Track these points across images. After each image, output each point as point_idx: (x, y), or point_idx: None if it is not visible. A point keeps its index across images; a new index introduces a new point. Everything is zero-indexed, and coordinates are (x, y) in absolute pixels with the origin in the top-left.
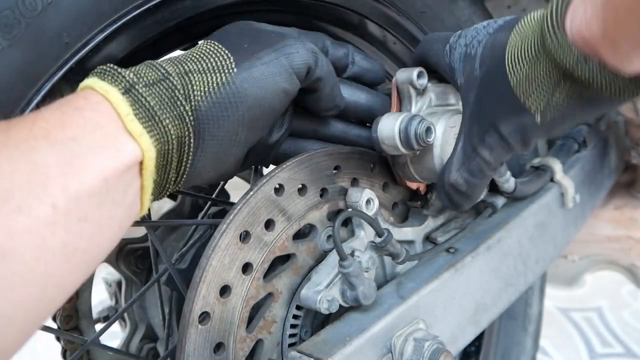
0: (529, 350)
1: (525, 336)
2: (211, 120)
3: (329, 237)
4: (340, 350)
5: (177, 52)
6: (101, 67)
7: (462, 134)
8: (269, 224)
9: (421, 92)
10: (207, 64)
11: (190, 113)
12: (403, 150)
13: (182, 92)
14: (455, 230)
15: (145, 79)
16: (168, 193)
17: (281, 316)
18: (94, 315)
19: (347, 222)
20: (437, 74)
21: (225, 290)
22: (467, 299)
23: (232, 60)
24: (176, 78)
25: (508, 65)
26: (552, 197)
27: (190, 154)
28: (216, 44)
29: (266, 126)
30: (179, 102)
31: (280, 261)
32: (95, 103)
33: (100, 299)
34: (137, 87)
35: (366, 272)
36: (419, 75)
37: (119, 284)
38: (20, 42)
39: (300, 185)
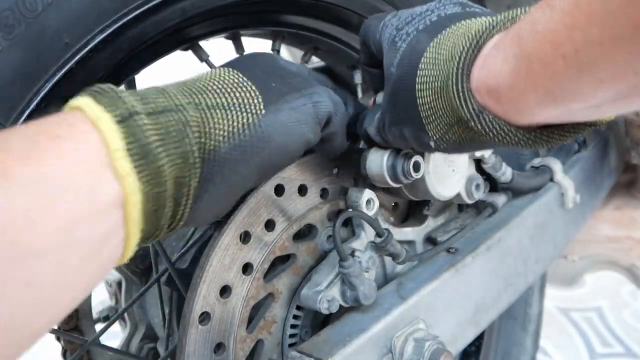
0: (529, 350)
1: (525, 336)
2: (228, 163)
3: (329, 237)
4: (340, 350)
5: (177, 52)
6: (99, 85)
7: (382, 106)
8: (269, 224)
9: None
10: (231, 100)
11: (197, 153)
12: (394, 185)
13: (196, 129)
14: (456, 230)
15: (151, 105)
16: (158, 239)
17: (281, 316)
18: (94, 315)
19: (347, 222)
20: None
21: (225, 291)
22: (467, 299)
23: (260, 100)
24: (191, 112)
25: (417, 84)
26: (552, 197)
27: (191, 197)
28: (241, 76)
29: (277, 172)
30: (187, 140)
31: (280, 261)
32: (81, 133)
33: (100, 299)
34: (137, 116)
35: (366, 272)
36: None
37: (119, 284)
38: (20, 43)
39: (301, 186)
